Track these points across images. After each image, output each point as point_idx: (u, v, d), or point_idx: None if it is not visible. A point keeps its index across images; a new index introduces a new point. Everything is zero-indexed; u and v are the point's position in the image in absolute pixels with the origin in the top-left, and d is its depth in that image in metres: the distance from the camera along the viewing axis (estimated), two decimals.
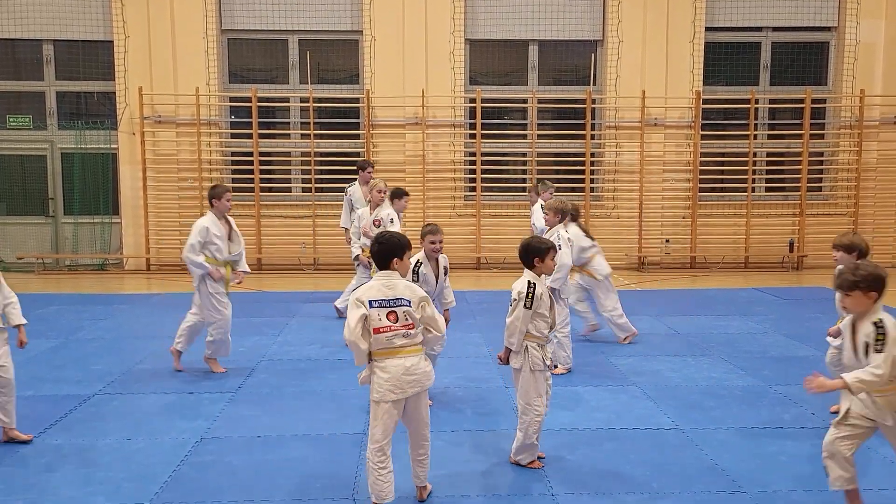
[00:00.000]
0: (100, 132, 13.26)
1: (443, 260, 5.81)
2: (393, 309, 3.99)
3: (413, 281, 5.34)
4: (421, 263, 5.66)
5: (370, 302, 3.98)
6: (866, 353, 3.66)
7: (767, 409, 5.82)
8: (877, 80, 13.36)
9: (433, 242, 5.67)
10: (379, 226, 7.98)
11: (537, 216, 9.17)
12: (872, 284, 3.68)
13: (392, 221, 7.98)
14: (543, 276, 4.76)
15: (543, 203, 9.01)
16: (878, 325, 3.64)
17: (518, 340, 4.60)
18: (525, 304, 4.56)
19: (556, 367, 6.37)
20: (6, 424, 5.09)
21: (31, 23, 13.05)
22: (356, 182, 9.46)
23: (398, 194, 8.32)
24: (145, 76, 12.94)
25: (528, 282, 4.62)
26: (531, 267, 4.67)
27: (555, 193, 9.21)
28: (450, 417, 5.64)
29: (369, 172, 9.34)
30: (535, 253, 4.66)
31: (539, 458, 4.77)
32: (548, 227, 6.88)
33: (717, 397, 6.10)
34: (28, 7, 13.02)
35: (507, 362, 4.69)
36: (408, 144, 13.29)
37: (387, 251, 4.08)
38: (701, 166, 13.36)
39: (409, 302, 4.02)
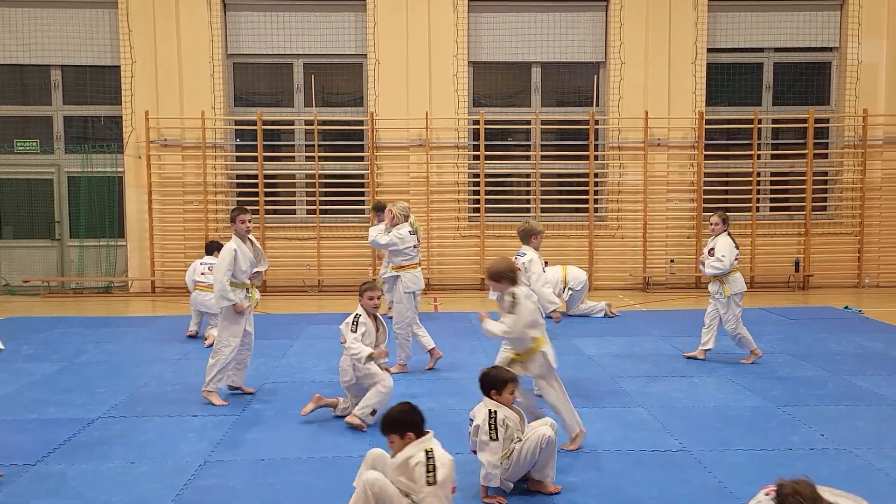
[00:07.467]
0: (106, 156, 13.34)
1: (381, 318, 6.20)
2: None
3: (352, 331, 5.84)
4: (360, 315, 6.00)
5: None
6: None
7: (776, 430, 5.77)
8: (879, 99, 13.39)
9: (371, 298, 6.02)
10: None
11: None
12: None
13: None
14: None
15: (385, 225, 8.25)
16: None
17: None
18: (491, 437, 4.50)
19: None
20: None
21: (40, 48, 13.19)
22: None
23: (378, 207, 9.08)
24: (152, 100, 13.04)
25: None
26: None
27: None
28: (454, 440, 5.60)
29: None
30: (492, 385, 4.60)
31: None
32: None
33: (725, 418, 6.06)
34: (37, 33, 13.17)
35: None
36: (412, 166, 13.33)
37: None
38: (705, 186, 13.37)
39: None
